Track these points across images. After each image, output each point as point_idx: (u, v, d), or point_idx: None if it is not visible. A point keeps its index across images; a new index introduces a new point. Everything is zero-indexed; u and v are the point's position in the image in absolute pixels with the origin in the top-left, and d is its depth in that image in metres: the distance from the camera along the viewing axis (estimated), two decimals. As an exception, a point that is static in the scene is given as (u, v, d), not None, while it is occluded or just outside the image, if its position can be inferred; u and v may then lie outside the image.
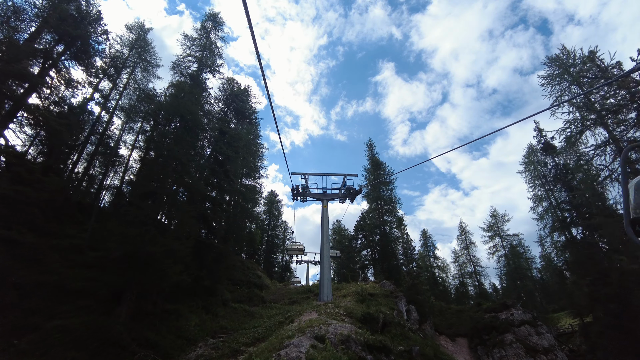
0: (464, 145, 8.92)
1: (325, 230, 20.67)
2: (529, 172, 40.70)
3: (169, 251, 14.50)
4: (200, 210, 19.18)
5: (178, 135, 18.80)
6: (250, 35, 4.47)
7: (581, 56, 18.46)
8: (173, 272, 14.24)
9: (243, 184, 39.85)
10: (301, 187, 21.48)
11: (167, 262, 14.20)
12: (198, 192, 18.71)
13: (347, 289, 25.91)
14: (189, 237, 17.18)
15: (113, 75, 29.33)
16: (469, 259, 49.81)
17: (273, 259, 58.64)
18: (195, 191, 18.75)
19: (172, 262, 14.50)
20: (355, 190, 20.96)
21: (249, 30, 4.43)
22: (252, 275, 31.06)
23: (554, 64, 20.48)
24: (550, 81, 21.46)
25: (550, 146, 29.73)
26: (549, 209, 38.02)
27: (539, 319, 29.72)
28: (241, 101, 26.05)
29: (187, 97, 21.47)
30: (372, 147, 43.25)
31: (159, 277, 14.09)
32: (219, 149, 21.35)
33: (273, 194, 61.04)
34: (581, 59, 18.22)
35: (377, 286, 20.95)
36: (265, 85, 6.02)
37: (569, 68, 18.83)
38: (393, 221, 39.40)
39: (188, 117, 19.58)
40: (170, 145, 18.48)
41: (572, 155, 20.53)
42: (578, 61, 18.50)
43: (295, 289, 29.98)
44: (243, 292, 26.13)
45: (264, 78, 5.84)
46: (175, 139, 18.74)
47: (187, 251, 16.06)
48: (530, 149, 40.80)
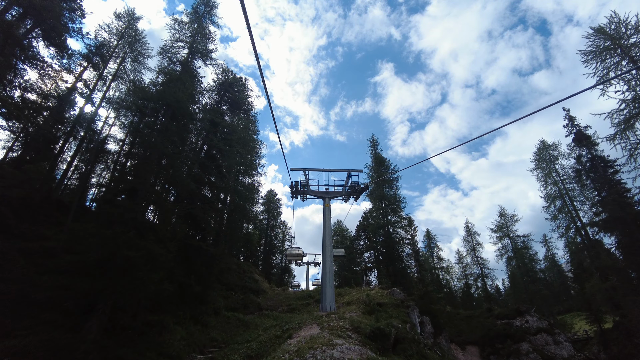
0: (471, 141, 8.17)
1: (328, 231, 18.68)
2: (540, 170, 38.71)
3: (148, 256, 12.49)
4: (188, 209, 17.18)
5: (163, 126, 16.80)
6: (248, 34, 4.31)
7: (636, 25, 15.93)
8: (151, 280, 12.23)
9: (240, 181, 37.89)
10: (301, 184, 19.47)
11: (145, 268, 12.20)
12: (186, 189, 16.72)
13: (351, 295, 23.90)
14: (174, 239, 15.15)
15: (98, 64, 27.31)
16: (475, 261, 47.80)
17: (272, 260, 56.65)
18: (183, 188, 16.75)
19: (150, 268, 12.49)
20: (361, 187, 18.94)
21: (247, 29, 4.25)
22: (248, 279, 29.06)
23: (600, 36, 17.95)
24: (595, 56, 18.92)
25: (583, 136, 27.41)
26: (562, 209, 36.06)
27: (556, 326, 27.77)
28: (236, 91, 24.04)
29: (174, 84, 19.52)
30: (375, 143, 41.23)
31: (135, 286, 12.08)
32: (211, 142, 19.36)
33: (272, 193, 59.07)
34: (635, 28, 15.95)
35: (385, 294, 18.95)
36: (262, 81, 4.71)
37: (620, 40, 16.58)
38: (398, 221, 37.40)
39: (175, 105, 17.58)
40: (154, 137, 16.48)
41: (625, 143, 17.93)
42: (631, 31, 16.25)
43: (295, 294, 27.99)
44: (238, 299, 24.12)
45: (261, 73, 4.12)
46: (160, 130, 16.74)
47: (170, 256, 14.04)
48: (542, 145, 38.81)
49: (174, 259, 16.76)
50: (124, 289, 12.61)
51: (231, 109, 23.99)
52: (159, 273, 13.09)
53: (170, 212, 14.67)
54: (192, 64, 22.84)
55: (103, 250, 11.93)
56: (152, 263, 12.87)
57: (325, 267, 17.67)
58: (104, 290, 12.98)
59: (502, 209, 44.61)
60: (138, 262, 12.10)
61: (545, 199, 37.03)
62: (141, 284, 12.17)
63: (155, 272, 12.84)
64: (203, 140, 19.71)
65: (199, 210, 17.49)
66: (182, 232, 15.97)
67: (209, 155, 19.77)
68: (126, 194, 15.60)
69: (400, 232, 37.60)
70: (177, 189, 16.91)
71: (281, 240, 60.89)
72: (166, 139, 16.30)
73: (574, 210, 33.83)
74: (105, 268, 12.72)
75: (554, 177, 36.85)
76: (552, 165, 37.25)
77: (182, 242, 16.95)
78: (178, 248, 16.03)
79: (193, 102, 20.71)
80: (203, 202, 18.27)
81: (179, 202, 17.41)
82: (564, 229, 35.76)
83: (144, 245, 12.70)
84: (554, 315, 29.57)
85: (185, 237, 17.18)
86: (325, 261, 17.76)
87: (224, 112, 22.90)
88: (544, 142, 38.59)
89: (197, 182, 18.45)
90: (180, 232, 15.98)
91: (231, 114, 24.43)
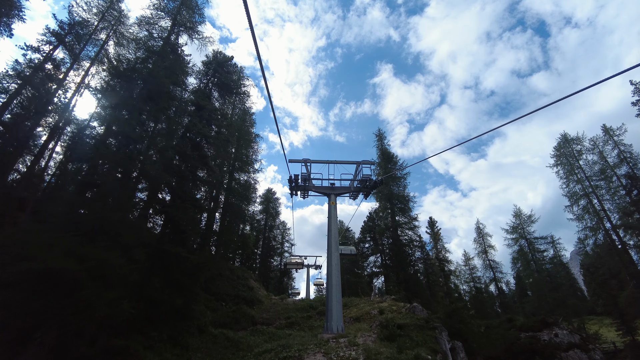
0: (471, 140, 8.23)
1: (334, 234, 15.55)
2: (561, 167, 35.61)
3: (99, 268, 9.37)
4: (164, 208, 14.07)
5: (131, 106, 13.69)
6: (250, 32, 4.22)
7: None
8: (101, 301, 9.12)
9: (235, 178, 34.79)
10: (301, 178, 16.31)
11: (92, 285, 9.08)
12: (159, 183, 13.63)
13: (359, 308, 20.76)
14: (142, 246, 12.03)
15: (71, 44, 24.15)
16: (487, 264, 44.69)
17: (270, 263, 53.46)
18: (156, 181, 13.64)
19: (102, 285, 9.37)
20: (374, 181, 15.78)
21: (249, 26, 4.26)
22: (242, 287, 25.92)
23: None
24: None
25: None
26: (586, 208, 32.98)
27: (589, 340, 24.72)
28: (227, 72, 20.97)
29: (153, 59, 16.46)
30: (382, 137, 38.07)
31: (78, 310, 8.98)
32: (194, 128, 16.23)
33: (270, 192, 55.93)
34: None
35: (403, 310, 15.81)
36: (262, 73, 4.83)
37: None
38: (406, 222, 34.23)
39: (149, 82, 14.47)
40: (120, 119, 13.37)
41: None
42: None
43: (294, 304, 24.87)
44: (228, 311, 20.98)
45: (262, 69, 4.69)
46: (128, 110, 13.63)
47: (135, 266, 10.92)
48: (563, 139, 35.69)
49: (146, 269, 13.65)
50: (67, 312, 9.52)
51: (221, 93, 20.91)
52: (115, 290, 9.97)
53: (126, 210, 11.58)
54: (177, 41, 19.75)
55: (36, 263, 8.83)
56: (106, 277, 9.75)
57: (331, 278, 14.54)
58: (44, 313, 9.86)
59: (518, 208, 41.55)
60: (82, 278, 8.98)
61: (568, 197, 33.92)
62: (86, 306, 9.05)
63: (109, 288, 9.73)
64: (186, 126, 16.63)
65: (178, 209, 14.36)
66: (155, 236, 12.86)
67: (193, 144, 16.64)
68: (84, 188, 12.47)
69: (409, 233, 34.48)
70: (150, 183, 13.81)
71: (280, 241, 57.72)
72: (135, 120, 13.16)
73: (602, 210, 30.74)
74: (45, 284, 9.63)
75: (578, 173, 33.74)
76: (576, 161, 34.13)
77: (156, 248, 13.81)
78: (148, 255, 12.89)
79: (176, 84, 17.59)
80: (184, 199, 15.13)
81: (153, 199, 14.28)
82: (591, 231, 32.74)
83: (94, 254, 9.57)
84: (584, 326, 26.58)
85: (159, 241, 14.03)
86: (331, 271, 14.62)
87: (211, 95, 19.79)
88: (566, 136, 35.48)
89: (177, 174, 15.31)
90: (154, 235, 12.85)
91: (221, 98, 21.34)
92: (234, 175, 34.28)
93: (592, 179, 32.03)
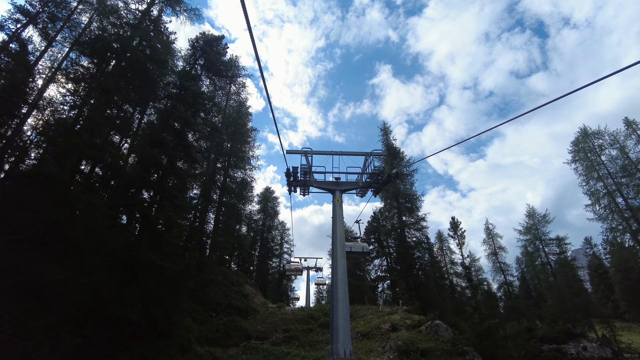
0: (471, 138, 7.75)
1: (339, 237, 13.09)
2: (580, 163, 33.11)
3: (24, 285, 6.92)
4: (134, 206, 11.61)
5: (99, 82, 11.24)
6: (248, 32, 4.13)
7: None
8: (26, 333, 6.64)
9: (230, 176, 32.31)
10: (301, 171, 13.82)
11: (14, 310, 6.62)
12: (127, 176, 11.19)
13: (367, 321, 18.27)
14: (102, 252, 9.56)
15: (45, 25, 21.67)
16: (498, 267, 42.21)
17: (268, 265, 51.00)
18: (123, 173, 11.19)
19: (31, 308, 6.90)
20: (388, 175, 13.28)
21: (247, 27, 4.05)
22: (236, 294, 23.45)
23: None
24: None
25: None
26: (608, 207, 30.53)
27: (622, 355, 22.27)
28: (216, 53, 18.48)
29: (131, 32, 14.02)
30: (387, 131, 35.59)
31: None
32: (175, 112, 13.75)
33: (269, 191, 53.45)
34: None
35: (422, 329, 13.30)
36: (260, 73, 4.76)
37: None
38: (414, 223, 31.75)
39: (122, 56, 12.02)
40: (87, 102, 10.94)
41: None
42: None
43: (293, 314, 22.39)
44: (219, 324, 18.52)
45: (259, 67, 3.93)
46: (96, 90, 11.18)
47: (84, 281, 8.47)
48: (582, 133, 33.19)
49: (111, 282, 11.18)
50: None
51: (210, 77, 18.47)
52: (55, 314, 7.52)
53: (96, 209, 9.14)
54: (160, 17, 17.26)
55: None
56: (41, 298, 7.30)
57: (337, 289, 12.08)
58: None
59: (531, 208, 38.99)
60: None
61: (589, 196, 31.46)
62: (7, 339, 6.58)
63: (45, 312, 7.27)
64: (165, 110, 14.17)
65: (154, 207, 11.88)
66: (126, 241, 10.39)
67: (175, 132, 14.16)
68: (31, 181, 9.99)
69: (417, 234, 32.02)
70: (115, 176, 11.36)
71: (279, 242, 55.21)
72: (105, 102, 10.72)
73: (628, 210, 28.29)
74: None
75: (599, 170, 31.27)
76: (597, 156, 31.66)
77: (124, 255, 11.33)
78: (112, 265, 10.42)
79: (156, 62, 15.10)
80: (162, 196, 12.65)
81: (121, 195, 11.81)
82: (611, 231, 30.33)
83: (22, 267, 7.11)
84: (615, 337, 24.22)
85: (130, 247, 11.55)
86: (337, 281, 12.16)
87: (198, 77, 17.29)
88: (586, 130, 32.99)
89: (154, 166, 12.83)
90: (117, 239, 10.37)
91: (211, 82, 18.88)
92: (229, 172, 31.82)
93: (616, 176, 29.57)
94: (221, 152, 29.45)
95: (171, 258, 12.86)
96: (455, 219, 35.75)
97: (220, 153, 28.80)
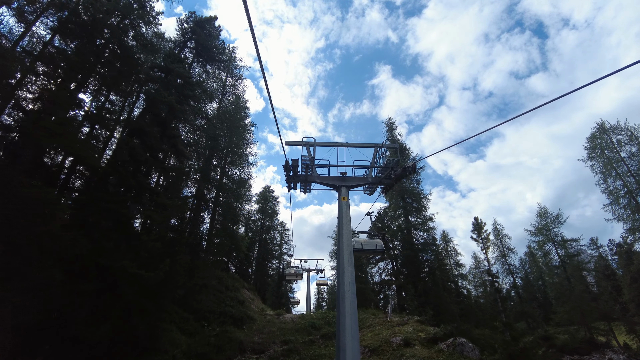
0: (475, 135, 8.35)
1: (346, 241, 11.24)
2: (596, 160, 31.32)
3: None
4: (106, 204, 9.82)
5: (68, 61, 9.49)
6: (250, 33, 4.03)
7: None
8: None
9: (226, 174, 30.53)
10: (302, 164, 11.99)
11: None
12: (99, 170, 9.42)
13: (375, 332, 16.47)
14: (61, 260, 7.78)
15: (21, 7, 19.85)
16: (507, 269, 40.42)
17: (267, 267, 49.22)
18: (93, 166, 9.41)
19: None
20: (404, 167, 11.47)
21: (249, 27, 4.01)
22: (231, 300, 21.68)
23: None
24: None
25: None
26: (628, 206, 28.74)
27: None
28: (207, 34, 16.66)
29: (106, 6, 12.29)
30: (392, 127, 33.81)
31: None
32: (158, 98, 11.97)
33: (268, 190, 51.69)
34: None
35: (444, 347, 11.50)
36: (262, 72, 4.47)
37: None
38: (421, 223, 29.97)
39: (90, 26, 10.27)
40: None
41: None
42: None
43: (292, 322, 20.59)
44: (210, 335, 16.73)
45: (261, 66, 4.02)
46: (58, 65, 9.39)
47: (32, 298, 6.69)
48: (599, 129, 31.38)
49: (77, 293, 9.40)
50: None
51: (199, 58, 16.68)
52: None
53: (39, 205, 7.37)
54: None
55: None
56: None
57: (343, 302, 10.22)
58: None
59: (543, 207, 37.25)
60: None
61: (607, 195, 29.66)
62: None
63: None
64: (146, 94, 12.41)
65: (127, 205, 10.09)
66: (84, 245, 8.59)
67: (158, 120, 12.37)
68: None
69: (424, 236, 30.25)
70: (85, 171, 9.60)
71: (279, 243, 53.41)
72: (68, 77, 8.92)
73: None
74: None
75: (618, 167, 29.46)
76: (615, 153, 29.86)
77: (92, 260, 9.56)
78: (71, 275, 8.63)
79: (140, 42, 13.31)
80: (140, 191, 10.86)
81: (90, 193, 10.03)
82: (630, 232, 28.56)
83: None
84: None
85: (98, 252, 9.76)
86: (343, 292, 10.30)
87: (185, 59, 15.50)
88: (603, 125, 31.16)
89: (131, 157, 11.03)
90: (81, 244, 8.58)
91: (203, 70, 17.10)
92: (225, 169, 30.06)
93: (637, 174, 27.77)
94: (217, 147, 27.68)
95: (151, 264, 11.06)
96: (480, 219, 33.53)
97: (216, 149, 27.03)
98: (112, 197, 9.78)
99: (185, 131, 16.13)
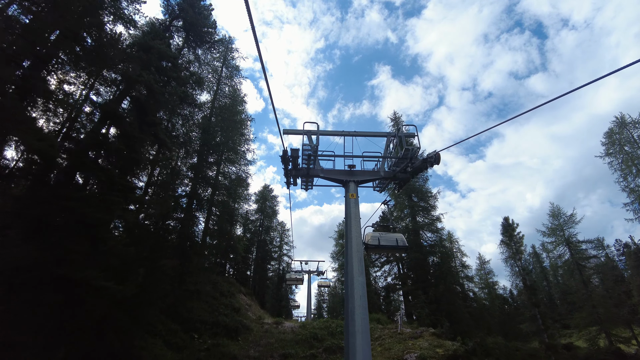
0: (475, 135, 8.27)
1: (355, 245, 9.49)
2: (614, 157, 29.53)
3: None
4: (65, 201, 8.08)
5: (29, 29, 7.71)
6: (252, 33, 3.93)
7: None
8: None
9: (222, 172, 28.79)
10: (303, 156, 10.21)
11: None
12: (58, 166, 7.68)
13: (384, 345, 14.66)
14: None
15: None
16: (518, 272, 38.55)
17: (266, 269, 47.47)
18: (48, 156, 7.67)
19: None
20: (426, 159, 9.72)
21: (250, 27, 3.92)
22: (225, 308, 19.91)
23: None
24: None
25: None
26: (650, 206, 26.93)
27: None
28: (197, 14, 14.88)
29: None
30: (398, 121, 31.98)
31: None
32: (139, 80, 10.22)
33: (267, 189, 49.94)
34: None
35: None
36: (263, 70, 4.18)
37: None
38: (429, 224, 28.20)
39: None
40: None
41: None
42: None
43: (292, 333, 18.79)
44: (200, 349, 14.94)
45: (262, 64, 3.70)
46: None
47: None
48: (619, 123, 29.55)
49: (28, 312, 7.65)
50: None
51: (188, 39, 14.90)
52: None
53: None
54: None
55: None
56: None
57: (353, 319, 8.44)
58: None
59: (556, 207, 35.30)
60: None
61: (628, 193, 27.85)
62: None
63: None
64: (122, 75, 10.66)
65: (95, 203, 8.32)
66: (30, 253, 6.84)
67: (136, 105, 10.63)
68: None
69: (432, 237, 28.47)
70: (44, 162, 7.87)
71: (278, 244, 51.64)
72: None
73: (678, 209, 24.70)
74: None
75: (638, 164, 27.66)
76: (635, 149, 28.05)
77: (47, 272, 7.79)
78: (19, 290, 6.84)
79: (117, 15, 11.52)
80: (112, 187, 9.09)
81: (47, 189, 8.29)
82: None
83: None
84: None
85: (57, 261, 8.00)
86: (353, 306, 8.54)
87: (170, 38, 13.73)
88: (622, 118, 29.34)
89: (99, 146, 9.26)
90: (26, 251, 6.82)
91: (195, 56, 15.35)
92: (221, 167, 28.30)
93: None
94: (211, 142, 25.91)
95: (124, 273, 9.28)
96: (511, 219, 31.08)
97: (211, 144, 25.26)
98: (69, 195, 8.03)
99: (170, 122, 14.30)
